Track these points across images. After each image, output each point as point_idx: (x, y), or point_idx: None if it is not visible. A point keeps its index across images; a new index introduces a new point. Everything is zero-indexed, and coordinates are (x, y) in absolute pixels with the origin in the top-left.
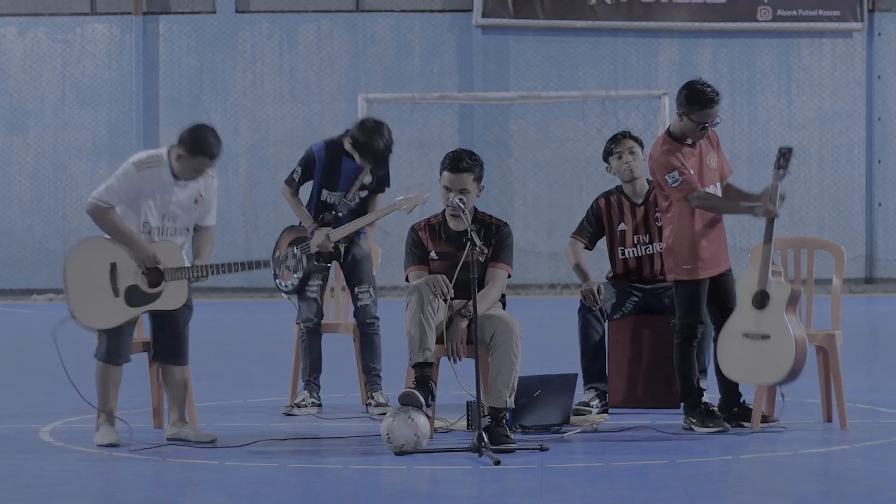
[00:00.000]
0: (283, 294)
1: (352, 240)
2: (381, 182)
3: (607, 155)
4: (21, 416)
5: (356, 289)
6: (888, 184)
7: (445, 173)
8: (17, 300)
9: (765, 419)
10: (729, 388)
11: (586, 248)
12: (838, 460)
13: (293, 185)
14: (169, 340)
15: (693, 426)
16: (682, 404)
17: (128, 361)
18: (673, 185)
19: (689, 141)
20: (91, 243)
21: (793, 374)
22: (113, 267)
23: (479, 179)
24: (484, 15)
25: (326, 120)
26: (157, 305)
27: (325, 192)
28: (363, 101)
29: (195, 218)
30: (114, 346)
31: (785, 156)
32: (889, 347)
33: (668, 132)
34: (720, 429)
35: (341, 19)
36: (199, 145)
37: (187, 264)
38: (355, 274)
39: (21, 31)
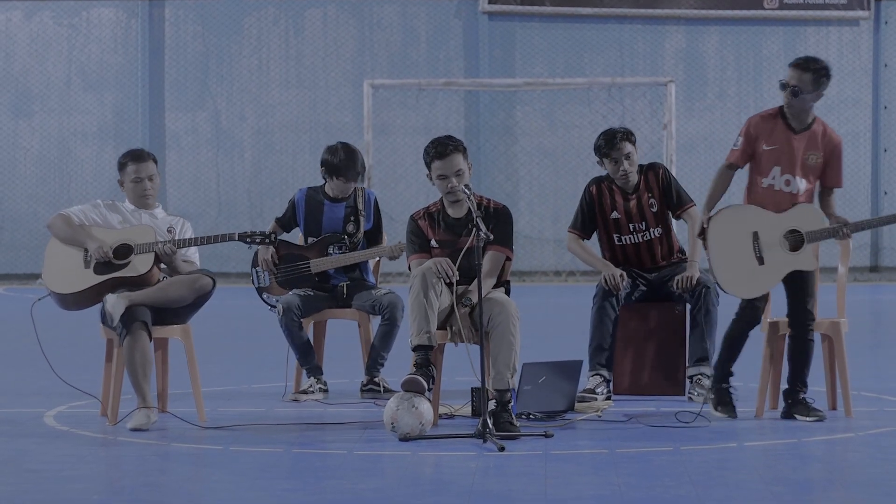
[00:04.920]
0: (266, 304)
1: (354, 278)
2: (376, 234)
3: (600, 154)
4: (25, 400)
5: (377, 292)
6: (894, 172)
7: (436, 163)
8: (21, 284)
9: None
10: (796, 377)
11: (586, 238)
12: (842, 448)
13: (279, 221)
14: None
15: (707, 401)
16: (711, 374)
17: (148, 330)
18: (732, 147)
19: (796, 126)
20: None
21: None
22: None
23: (467, 157)
24: (490, 1)
25: (332, 106)
26: (123, 272)
27: (310, 241)
28: (369, 87)
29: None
30: (128, 317)
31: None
32: (894, 336)
33: (781, 109)
34: (728, 416)
35: (347, 4)
36: (125, 154)
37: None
38: (367, 291)
39: (27, 15)
